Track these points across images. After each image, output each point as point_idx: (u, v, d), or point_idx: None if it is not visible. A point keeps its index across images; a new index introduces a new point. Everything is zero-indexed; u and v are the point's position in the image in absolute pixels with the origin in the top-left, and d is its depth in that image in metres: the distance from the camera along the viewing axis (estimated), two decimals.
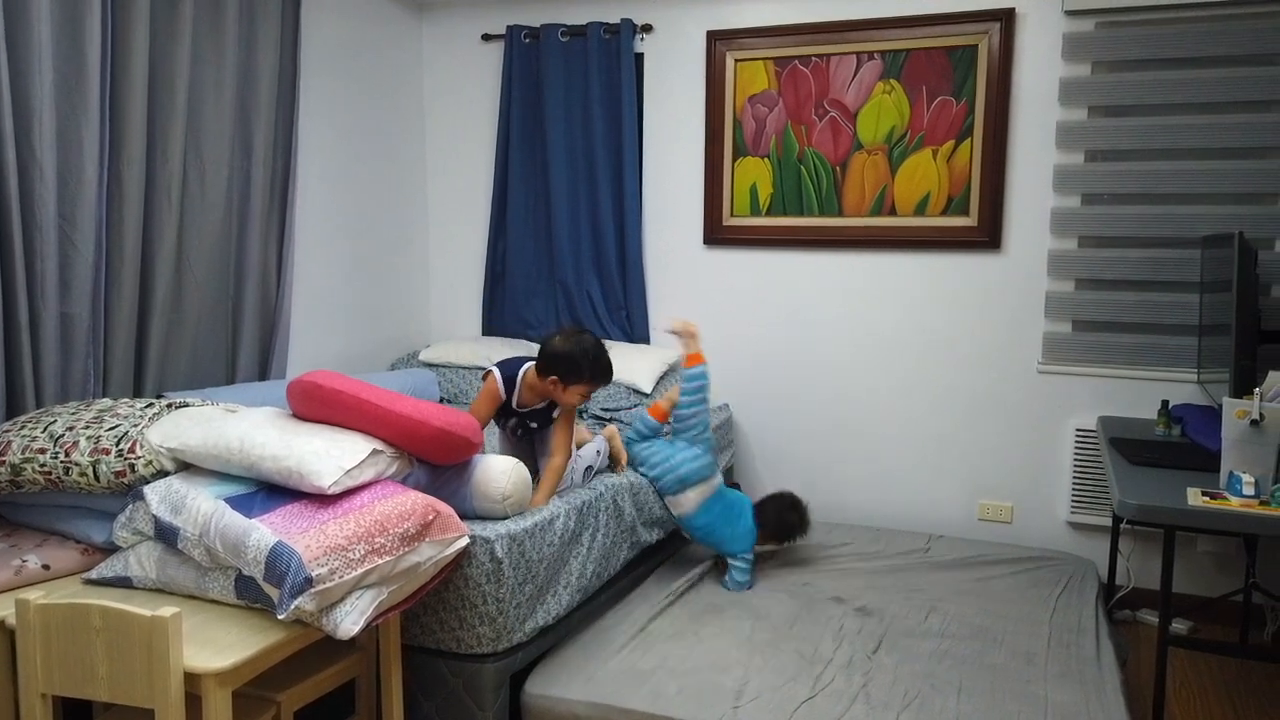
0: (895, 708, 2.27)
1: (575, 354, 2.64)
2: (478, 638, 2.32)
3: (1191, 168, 3.31)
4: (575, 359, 2.63)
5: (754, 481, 4.02)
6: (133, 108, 2.72)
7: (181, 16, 2.85)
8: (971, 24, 3.50)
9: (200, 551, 2.02)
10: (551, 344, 2.67)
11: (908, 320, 3.73)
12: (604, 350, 2.71)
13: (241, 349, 3.22)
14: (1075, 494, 3.53)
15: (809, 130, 3.75)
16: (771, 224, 3.85)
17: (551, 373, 2.66)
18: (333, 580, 1.90)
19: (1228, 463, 2.40)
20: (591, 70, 3.93)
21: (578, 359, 2.63)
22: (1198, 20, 3.26)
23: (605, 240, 4.02)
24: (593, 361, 2.66)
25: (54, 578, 2.17)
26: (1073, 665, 2.51)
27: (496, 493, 2.41)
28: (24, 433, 2.24)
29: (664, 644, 2.59)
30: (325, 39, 3.62)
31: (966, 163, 3.56)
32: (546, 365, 2.66)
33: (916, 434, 3.76)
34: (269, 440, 2.14)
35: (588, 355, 2.65)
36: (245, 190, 3.19)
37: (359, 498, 2.09)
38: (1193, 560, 3.44)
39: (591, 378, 2.67)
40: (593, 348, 2.67)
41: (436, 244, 4.39)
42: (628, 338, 4.07)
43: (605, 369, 2.70)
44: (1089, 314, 3.49)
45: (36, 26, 2.44)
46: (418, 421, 2.25)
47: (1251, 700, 2.84)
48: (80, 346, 2.61)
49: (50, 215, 2.51)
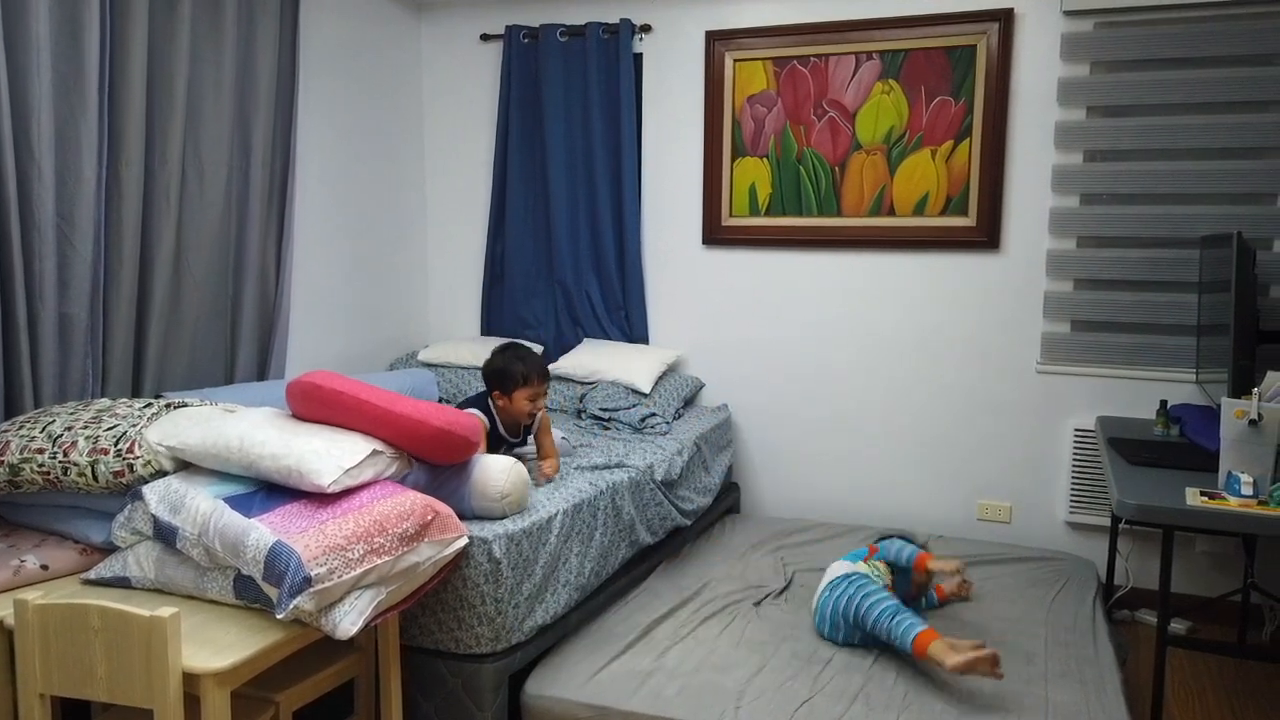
0: (895, 708, 2.27)
1: (500, 364, 2.74)
2: (476, 638, 2.32)
3: (1190, 168, 3.31)
4: (502, 369, 2.74)
5: (753, 481, 4.02)
6: (131, 108, 2.72)
7: (180, 16, 2.85)
8: (970, 24, 3.50)
9: (199, 551, 2.02)
10: (485, 366, 2.79)
11: (907, 320, 3.73)
12: (523, 348, 2.82)
13: (240, 349, 3.22)
14: (1074, 494, 3.53)
15: (808, 130, 3.76)
16: (770, 224, 3.86)
17: (495, 389, 2.76)
18: (332, 580, 1.90)
19: (1226, 463, 2.40)
20: (590, 70, 3.93)
21: (505, 367, 2.73)
22: (1196, 20, 3.26)
23: (604, 240, 4.02)
24: (519, 361, 2.74)
25: (52, 578, 2.16)
26: (1072, 665, 2.51)
27: (495, 492, 2.40)
28: (22, 433, 2.24)
29: (663, 645, 2.59)
30: (324, 39, 3.62)
31: (965, 163, 3.57)
32: (490, 386, 2.77)
33: (915, 434, 3.76)
34: (268, 439, 2.14)
35: (510, 359, 2.75)
36: (244, 190, 3.19)
37: (358, 497, 2.09)
38: (1191, 560, 3.44)
39: (525, 379, 2.73)
40: (512, 351, 2.78)
41: (435, 244, 4.39)
42: (627, 338, 4.07)
43: (534, 364, 2.77)
44: (1088, 314, 3.49)
45: (35, 26, 2.43)
46: (417, 421, 2.25)
47: (1250, 700, 2.84)
48: (79, 346, 2.61)
49: (49, 215, 2.50)
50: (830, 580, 2.69)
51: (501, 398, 2.75)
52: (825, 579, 2.73)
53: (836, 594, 2.60)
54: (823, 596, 2.66)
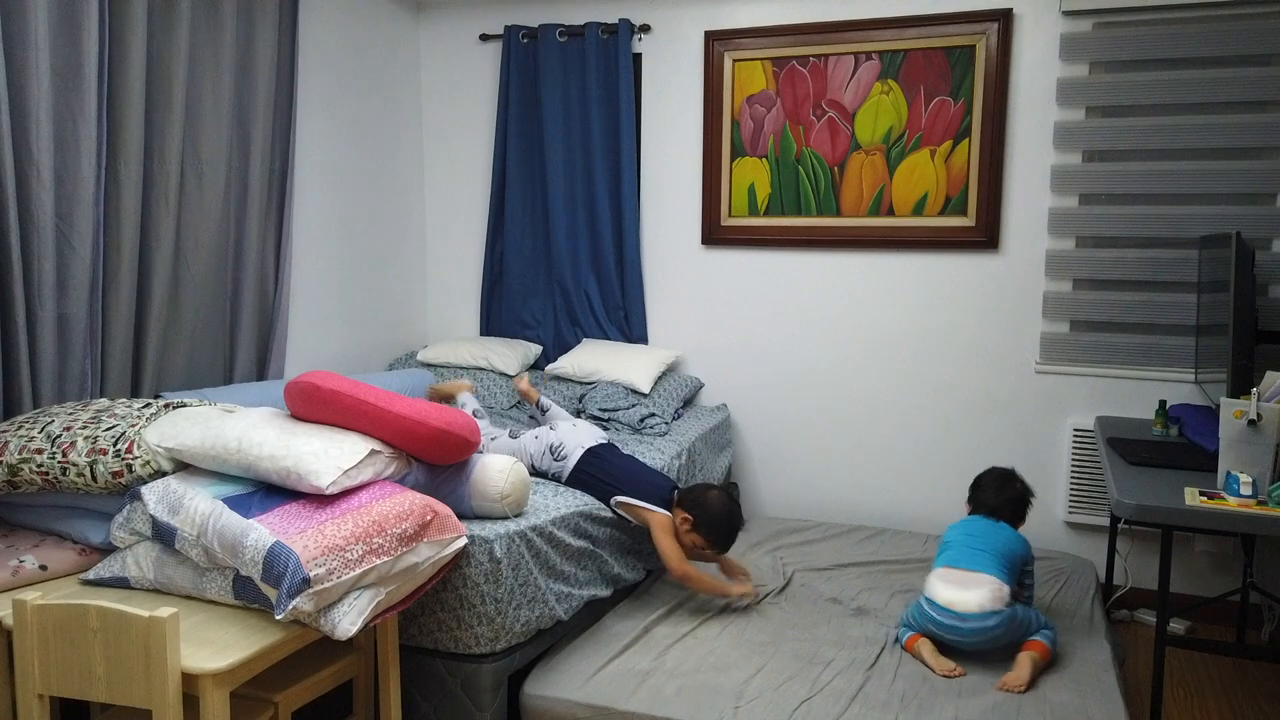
0: (894, 708, 2.27)
1: (726, 517, 2.78)
2: (476, 638, 2.32)
3: (1189, 168, 3.31)
4: (725, 521, 2.78)
5: (752, 481, 4.02)
6: (130, 108, 2.71)
7: (179, 16, 2.85)
8: (969, 24, 3.50)
9: (198, 552, 2.01)
10: (713, 501, 2.79)
11: (906, 320, 3.73)
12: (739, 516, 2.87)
13: (239, 349, 3.21)
14: (1073, 494, 3.53)
15: (807, 130, 3.76)
16: (770, 224, 3.86)
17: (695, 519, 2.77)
18: (330, 580, 1.90)
19: (1225, 463, 2.40)
20: (589, 70, 3.94)
21: (728, 522, 2.79)
22: (1195, 20, 3.26)
23: (603, 240, 4.02)
24: (733, 529, 2.81)
25: (51, 578, 2.16)
26: (1071, 665, 2.51)
27: (495, 492, 2.40)
28: (21, 433, 2.23)
29: (663, 645, 2.59)
30: (323, 39, 3.62)
31: (964, 163, 3.57)
32: (693, 512, 2.78)
33: (914, 434, 3.76)
34: (267, 440, 2.14)
35: (737, 519, 2.82)
36: (243, 190, 3.19)
37: (357, 498, 2.09)
38: (1190, 560, 3.44)
39: (716, 541, 2.80)
40: (738, 514, 2.84)
41: (434, 244, 4.39)
42: (626, 338, 4.07)
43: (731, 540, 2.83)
44: (1087, 314, 3.49)
45: (34, 26, 2.43)
46: (416, 421, 2.25)
47: (1249, 700, 2.85)
48: (77, 347, 2.60)
49: (47, 216, 2.50)
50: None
51: (690, 529, 2.75)
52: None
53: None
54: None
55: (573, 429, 2.97)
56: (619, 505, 2.77)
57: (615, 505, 2.78)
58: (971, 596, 2.46)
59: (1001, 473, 2.80)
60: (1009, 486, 2.75)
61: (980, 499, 2.76)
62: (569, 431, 2.95)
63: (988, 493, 2.75)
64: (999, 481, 2.77)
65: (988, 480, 2.79)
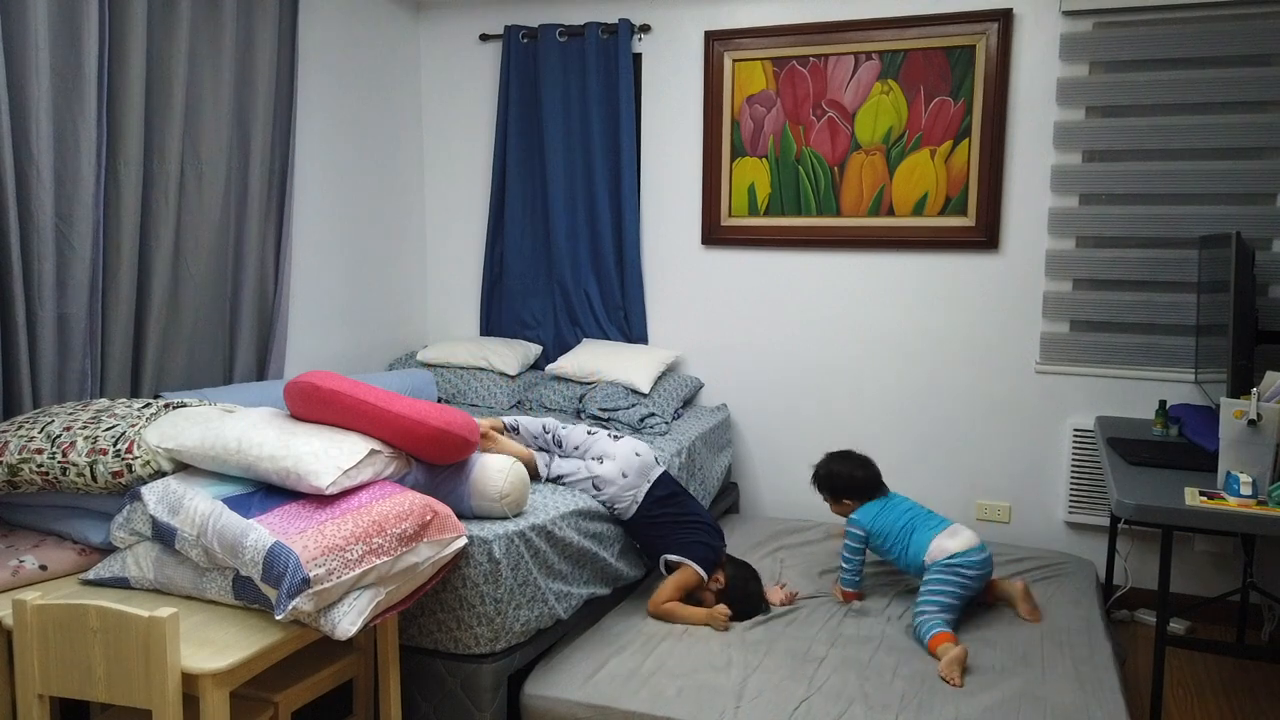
0: (894, 708, 2.27)
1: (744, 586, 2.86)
2: (475, 638, 2.32)
3: (1189, 168, 3.31)
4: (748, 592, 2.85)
5: (752, 482, 4.02)
6: (130, 108, 2.72)
7: (179, 16, 2.85)
8: (969, 24, 3.50)
9: (198, 552, 2.01)
10: (743, 575, 2.88)
11: (905, 320, 3.73)
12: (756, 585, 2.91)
13: (239, 349, 3.21)
14: (1073, 494, 3.53)
15: (807, 130, 3.76)
16: (769, 224, 3.86)
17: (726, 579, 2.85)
18: (330, 581, 1.90)
19: (1225, 463, 2.40)
20: (589, 70, 3.94)
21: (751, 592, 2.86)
22: (1195, 20, 3.26)
23: (603, 240, 4.02)
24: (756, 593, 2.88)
25: (51, 578, 2.16)
26: (1071, 665, 2.51)
27: (494, 492, 2.40)
28: (21, 433, 2.23)
29: (663, 645, 2.59)
30: (323, 39, 3.62)
31: (964, 163, 3.57)
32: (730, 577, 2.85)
33: (914, 434, 3.76)
34: (266, 440, 2.14)
35: (756, 591, 2.87)
36: (243, 190, 3.19)
37: (357, 498, 2.09)
38: (1190, 560, 3.44)
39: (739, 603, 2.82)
40: (755, 586, 2.89)
41: (434, 244, 4.39)
42: (626, 338, 4.07)
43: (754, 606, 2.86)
44: (1087, 314, 3.49)
45: (33, 26, 2.43)
46: (416, 421, 2.25)
47: (1248, 700, 2.85)
48: (77, 347, 2.60)
49: (47, 216, 2.50)
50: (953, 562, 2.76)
51: (717, 589, 2.81)
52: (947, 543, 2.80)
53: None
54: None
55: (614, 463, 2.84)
56: (669, 563, 2.86)
57: (665, 563, 2.87)
58: (971, 534, 2.83)
59: (845, 454, 3.09)
60: (862, 460, 3.06)
61: (875, 479, 3.02)
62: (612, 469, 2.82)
63: (871, 469, 3.03)
64: (857, 460, 3.05)
65: (854, 465, 3.04)
